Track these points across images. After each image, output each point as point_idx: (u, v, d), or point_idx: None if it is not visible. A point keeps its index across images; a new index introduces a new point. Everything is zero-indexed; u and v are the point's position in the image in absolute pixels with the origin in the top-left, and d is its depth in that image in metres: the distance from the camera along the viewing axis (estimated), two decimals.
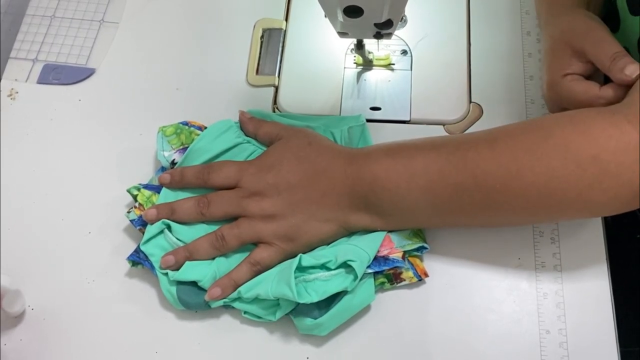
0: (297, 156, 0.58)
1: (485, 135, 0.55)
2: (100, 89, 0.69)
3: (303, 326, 0.55)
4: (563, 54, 0.56)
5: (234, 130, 0.62)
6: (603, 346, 0.55)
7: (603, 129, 0.50)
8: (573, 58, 0.56)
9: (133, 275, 0.59)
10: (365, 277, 0.56)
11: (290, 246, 0.57)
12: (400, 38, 0.70)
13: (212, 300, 0.56)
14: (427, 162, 0.54)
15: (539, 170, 0.51)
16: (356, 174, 0.56)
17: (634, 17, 0.58)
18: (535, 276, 0.58)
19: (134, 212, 0.59)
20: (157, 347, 0.56)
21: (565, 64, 0.56)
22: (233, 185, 0.58)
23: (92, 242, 0.61)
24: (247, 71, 0.69)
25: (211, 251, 0.57)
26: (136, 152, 0.65)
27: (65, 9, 0.74)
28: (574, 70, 0.56)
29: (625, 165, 0.49)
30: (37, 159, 0.65)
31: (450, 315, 0.56)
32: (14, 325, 0.58)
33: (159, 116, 0.65)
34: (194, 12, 0.74)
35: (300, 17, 0.72)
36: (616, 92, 0.53)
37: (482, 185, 0.52)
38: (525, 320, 0.56)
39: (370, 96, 0.67)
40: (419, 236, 0.58)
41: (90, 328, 0.57)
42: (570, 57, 0.56)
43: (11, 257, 0.60)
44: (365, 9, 0.54)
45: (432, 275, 0.57)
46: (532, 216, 0.55)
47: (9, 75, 0.70)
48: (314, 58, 0.70)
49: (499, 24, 0.70)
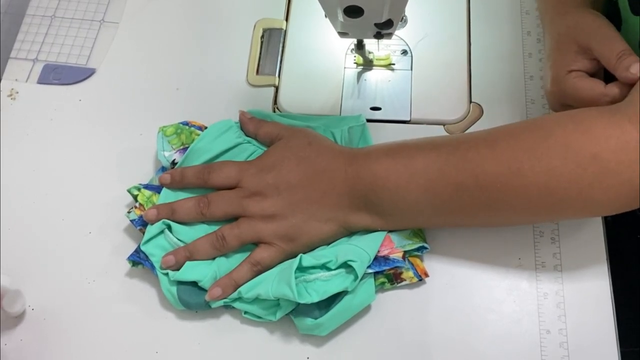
0: (297, 156, 0.58)
1: (485, 135, 0.55)
2: (100, 89, 0.69)
3: (303, 326, 0.55)
4: (568, 51, 0.56)
5: (235, 131, 0.62)
6: (603, 346, 0.55)
7: (603, 128, 0.50)
8: (579, 55, 0.55)
9: (133, 275, 0.59)
10: (366, 277, 0.56)
11: (290, 246, 0.57)
12: (400, 38, 0.70)
13: (212, 301, 0.56)
14: (427, 161, 0.54)
15: (539, 169, 0.51)
16: (356, 174, 0.56)
17: (635, 16, 0.58)
18: (536, 276, 0.58)
19: (135, 212, 0.59)
20: (157, 347, 0.56)
21: (571, 60, 0.56)
22: (233, 185, 0.58)
23: (92, 242, 0.61)
24: (247, 71, 0.69)
25: (211, 251, 0.57)
26: (136, 152, 0.65)
27: (65, 9, 0.74)
28: (579, 67, 0.55)
29: (626, 165, 0.49)
30: (37, 159, 0.65)
31: (450, 315, 0.56)
32: (14, 325, 0.58)
33: (159, 116, 0.65)
34: (194, 12, 0.74)
35: (300, 17, 0.72)
36: (621, 90, 0.53)
37: (482, 185, 0.52)
38: (525, 320, 0.56)
39: (371, 96, 0.67)
40: (419, 236, 0.58)
41: (91, 328, 0.57)
42: (575, 54, 0.56)
43: (11, 257, 0.60)
44: (366, 9, 0.54)
45: (432, 275, 0.57)
46: (532, 215, 0.55)
47: (9, 75, 0.70)
48: (314, 58, 0.70)
49: (499, 24, 0.70)
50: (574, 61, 0.56)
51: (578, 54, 0.56)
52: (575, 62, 0.56)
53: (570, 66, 0.56)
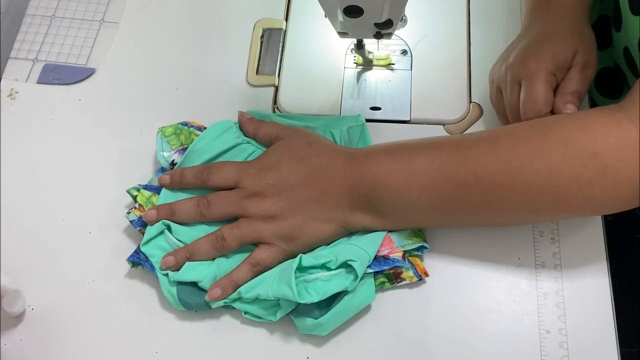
0: (296, 156, 0.58)
1: (486, 134, 0.55)
2: (100, 89, 0.69)
3: (304, 326, 0.55)
4: (548, 56, 0.57)
5: (234, 131, 0.62)
6: (603, 346, 0.55)
7: (603, 125, 0.50)
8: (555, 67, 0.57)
9: (133, 276, 0.59)
10: (366, 277, 0.56)
11: (290, 246, 0.57)
12: (400, 38, 0.70)
13: (212, 301, 0.56)
14: (428, 161, 0.54)
15: (539, 167, 0.51)
16: (356, 174, 0.56)
17: (635, 16, 0.58)
18: (536, 276, 0.58)
19: (134, 213, 0.59)
20: (157, 347, 0.56)
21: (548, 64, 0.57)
22: (233, 185, 0.58)
23: (92, 242, 0.61)
24: (247, 71, 0.69)
25: (211, 252, 0.57)
26: (136, 152, 0.65)
27: (65, 9, 0.74)
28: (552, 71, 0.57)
29: (625, 162, 0.49)
30: (37, 159, 0.65)
31: (450, 315, 0.56)
32: (14, 325, 0.58)
33: (159, 116, 0.65)
34: (194, 12, 0.74)
35: (300, 17, 0.72)
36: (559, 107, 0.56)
37: (482, 183, 0.52)
38: (525, 320, 0.56)
39: (371, 96, 0.67)
40: (419, 236, 0.58)
41: (91, 328, 0.57)
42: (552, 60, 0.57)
43: (11, 257, 0.60)
44: (365, 9, 0.54)
45: (432, 275, 0.57)
46: (532, 214, 0.55)
47: (9, 75, 0.70)
48: (314, 58, 0.70)
49: (499, 24, 0.70)
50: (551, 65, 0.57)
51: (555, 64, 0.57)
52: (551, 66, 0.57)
53: (548, 65, 0.57)
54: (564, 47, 0.58)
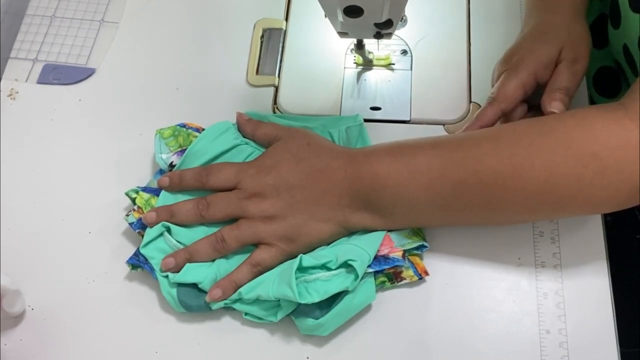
0: (296, 157, 0.58)
1: (487, 133, 0.55)
2: (100, 89, 0.69)
3: (304, 327, 0.55)
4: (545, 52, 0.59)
5: (232, 132, 0.62)
6: (603, 346, 0.55)
7: (604, 125, 0.50)
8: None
9: (133, 276, 0.59)
10: (366, 277, 0.56)
11: (290, 247, 0.57)
12: (400, 38, 0.70)
13: (212, 302, 0.56)
14: (428, 160, 0.54)
15: (540, 166, 0.51)
16: (356, 173, 0.56)
17: (634, 13, 0.58)
18: (536, 276, 0.58)
19: (133, 215, 0.59)
20: (157, 348, 0.56)
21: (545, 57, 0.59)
22: (232, 186, 0.58)
23: (92, 242, 0.61)
24: (247, 71, 0.69)
25: (211, 253, 0.57)
26: (136, 152, 0.65)
27: (65, 9, 0.74)
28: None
29: (626, 162, 0.49)
30: (37, 159, 0.65)
31: (450, 315, 0.56)
32: (14, 325, 0.58)
33: (159, 116, 0.65)
34: (194, 12, 0.74)
35: (300, 17, 0.72)
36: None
37: (483, 182, 0.52)
38: (525, 320, 0.56)
39: (371, 96, 0.67)
40: (418, 235, 0.58)
41: (91, 328, 0.57)
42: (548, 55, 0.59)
43: (11, 257, 0.60)
44: (365, 9, 0.54)
45: (432, 275, 0.57)
46: (532, 213, 0.55)
47: (9, 75, 0.70)
48: (314, 58, 0.70)
49: (499, 24, 0.70)
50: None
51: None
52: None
53: (544, 60, 0.59)
54: (548, 45, 0.59)
